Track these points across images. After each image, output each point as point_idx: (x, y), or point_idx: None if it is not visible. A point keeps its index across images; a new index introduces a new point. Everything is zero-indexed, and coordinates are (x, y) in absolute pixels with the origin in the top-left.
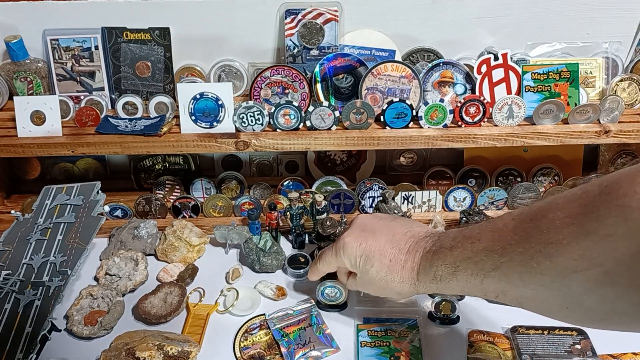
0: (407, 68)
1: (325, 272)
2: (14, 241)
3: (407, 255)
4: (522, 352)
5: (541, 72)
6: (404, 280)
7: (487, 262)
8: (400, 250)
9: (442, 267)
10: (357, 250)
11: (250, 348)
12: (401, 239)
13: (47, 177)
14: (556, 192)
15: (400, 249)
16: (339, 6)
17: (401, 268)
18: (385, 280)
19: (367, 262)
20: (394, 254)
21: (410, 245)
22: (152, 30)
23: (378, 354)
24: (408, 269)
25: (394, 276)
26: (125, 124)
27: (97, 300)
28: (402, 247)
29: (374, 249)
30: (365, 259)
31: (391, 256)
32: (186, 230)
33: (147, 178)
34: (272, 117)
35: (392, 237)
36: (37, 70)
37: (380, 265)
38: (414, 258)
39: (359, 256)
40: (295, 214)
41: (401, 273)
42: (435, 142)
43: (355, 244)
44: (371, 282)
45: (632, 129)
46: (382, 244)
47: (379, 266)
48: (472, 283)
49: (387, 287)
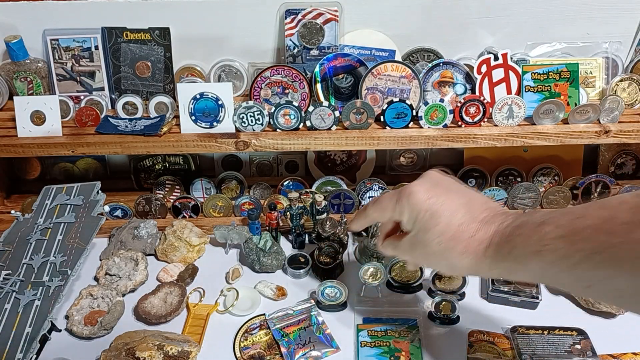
0: (407, 68)
1: (373, 220)
2: (14, 241)
3: (481, 225)
4: (522, 352)
5: (541, 72)
6: (467, 251)
7: (590, 242)
8: (473, 217)
9: (524, 244)
10: (425, 203)
11: (250, 348)
12: (477, 207)
13: (47, 177)
14: (556, 192)
15: (474, 217)
16: (339, 6)
17: (469, 237)
18: (445, 246)
19: (431, 219)
20: (466, 219)
21: (486, 215)
22: (152, 30)
23: (378, 354)
24: (477, 239)
25: (456, 244)
26: (125, 124)
27: (97, 300)
28: (476, 216)
29: (445, 208)
30: (431, 216)
31: (462, 220)
32: (186, 230)
33: (147, 178)
34: (272, 117)
35: (467, 201)
36: (37, 70)
37: (446, 226)
38: (488, 230)
39: (425, 210)
40: (295, 214)
41: (467, 242)
42: (435, 142)
43: (424, 196)
44: (425, 245)
45: (632, 129)
46: (455, 206)
47: (444, 227)
48: (560, 267)
49: (442, 255)
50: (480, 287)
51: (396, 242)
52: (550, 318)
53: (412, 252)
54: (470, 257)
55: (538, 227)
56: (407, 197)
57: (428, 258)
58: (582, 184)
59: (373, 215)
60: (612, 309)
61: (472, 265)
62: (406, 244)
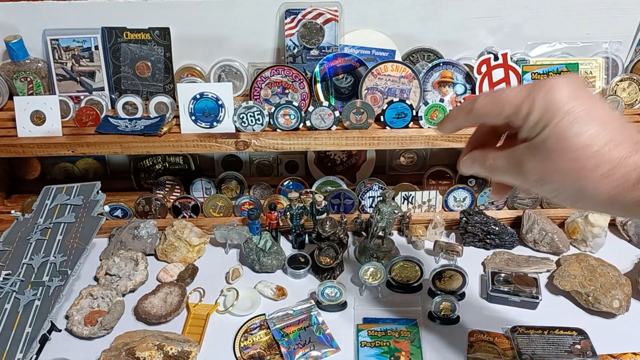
0: (407, 68)
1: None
2: (14, 241)
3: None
4: (522, 352)
5: (541, 72)
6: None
7: None
8: (629, 136)
9: None
10: (569, 103)
11: (250, 348)
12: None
13: (47, 177)
14: None
15: (630, 136)
16: (339, 6)
17: (620, 157)
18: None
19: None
20: (618, 136)
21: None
22: (152, 30)
23: (378, 354)
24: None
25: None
26: (125, 124)
27: (97, 300)
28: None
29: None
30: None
31: (613, 136)
32: (186, 230)
33: (147, 178)
34: (272, 117)
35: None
36: (37, 70)
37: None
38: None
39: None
40: (295, 214)
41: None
42: (435, 142)
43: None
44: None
45: None
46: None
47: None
48: None
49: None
50: (480, 287)
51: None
52: (550, 318)
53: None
54: (616, 184)
55: None
56: (545, 91)
57: (551, 176)
58: None
59: (485, 108)
60: (612, 309)
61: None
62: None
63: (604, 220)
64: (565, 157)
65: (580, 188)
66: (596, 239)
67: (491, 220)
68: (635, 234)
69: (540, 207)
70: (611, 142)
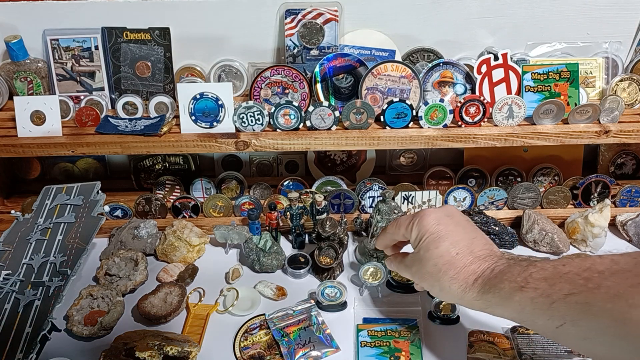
0: (407, 68)
1: (392, 239)
2: (14, 241)
3: (476, 259)
4: (522, 352)
5: (541, 72)
6: (457, 278)
7: (567, 285)
8: (471, 252)
9: (510, 280)
10: (432, 227)
11: (250, 348)
12: (479, 245)
13: (47, 177)
14: (556, 192)
15: (472, 252)
16: (339, 6)
17: (463, 267)
18: (439, 269)
19: (434, 242)
20: (464, 251)
21: (484, 254)
22: (152, 30)
23: (378, 354)
24: (469, 271)
25: (449, 269)
26: (125, 124)
27: (97, 300)
28: (474, 251)
29: (448, 236)
30: (434, 239)
31: (460, 251)
32: (186, 230)
33: (147, 178)
34: (272, 117)
35: (472, 238)
36: (37, 70)
37: (444, 251)
38: (481, 265)
39: (431, 233)
40: (295, 214)
41: (459, 270)
42: (435, 142)
43: (433, 221)
44: (423, 264)
45: (632, 129)
46: (459, 238)
47: (442, 251)
48: (538, 304)
49: (435, 277)
50: None
51: (400, 258)
52: None
53: (411, 269)
54: (459, 285)
55: (525, 268)
56: (419, 218)
57: (423, 277)
58: (582, 184)
59: (391, 231)
60: None
61: (459, 292)
62: (408, 261)
63: (604, 220)
64: (429, 263)
65: (440, 286)
66: (596, 239)
67: (491, 220)
68: (636, 234)
69: (540, 207)
70: (458, 255)
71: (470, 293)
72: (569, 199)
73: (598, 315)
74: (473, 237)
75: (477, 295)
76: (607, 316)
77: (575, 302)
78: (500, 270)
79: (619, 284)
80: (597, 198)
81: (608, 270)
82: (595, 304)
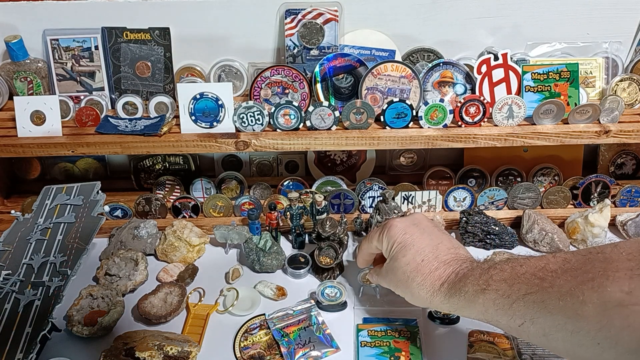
0: (407, 68)
1: (368, 253)
2: (14, 241)
3: (441, 264)
4: (522, 352)
5: (541, 72)
6: (424, 284)
7: (524, 285)
8: (437, 257)
9: (473, 283)
10: (399, 236)
11: (250, 348)
12: (444, 251)
13: (47, 177)
14: (556, 192)
15: (437, 257)
16: (339, 6)
17: (429, 272)
18: (408, 276)
19: (401, 250)
20: (429, 257)
21: (449, 259)
22: (152, 30)
23: (378, 354)
24: (435, 276)
25: (416, 275)
26: (125, 124)
27: (97, 300)
28: (440, 256)
29: (415, 244)
30: (401, 248)
31: (425, 257)
32: (186, 230)
33: (147, 178)
34: (272, 117)
35: (437, 244)
36: (37, 70)
37: (411, 259)
38: (446, 269)
39: (398, 242)
40: (295, 214)
41: (425, 276)
42: (435, 142)
43: (400, 230)
44: (394, 273)
45: (632, 129)
46: (424, 245)
47: (409, 259)
48: (499, 304)
49: (405, 283)
50: None
51: (377, 269)
52: None
53: (385, 278)
54: (427, 289)
55: (487, 271)
56: (387, 229)
57: (396, 285)
58: (582, 184)
59: (364, 246)
60: None
61: (427, 297)
62: (383, 271)
63: (604, 220)
64: (399, 272)
65: (410, 293)
66: (596, 239)
67: (491, 220)
68: (636, 234)
69: (540, 207)
70: (424, 261)
71: (437, 297)
72: (569, 199)
73: (553, 312)
74: (438, 243)
75: (444, 299)
76: (561, 313)
77: (532, 302)
78: (464, 273)
79: (569, 282)
80: (597, 198)
81: (560, 268)
82: (550, 302)
